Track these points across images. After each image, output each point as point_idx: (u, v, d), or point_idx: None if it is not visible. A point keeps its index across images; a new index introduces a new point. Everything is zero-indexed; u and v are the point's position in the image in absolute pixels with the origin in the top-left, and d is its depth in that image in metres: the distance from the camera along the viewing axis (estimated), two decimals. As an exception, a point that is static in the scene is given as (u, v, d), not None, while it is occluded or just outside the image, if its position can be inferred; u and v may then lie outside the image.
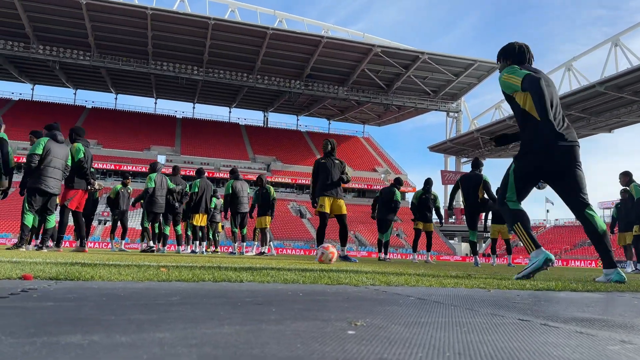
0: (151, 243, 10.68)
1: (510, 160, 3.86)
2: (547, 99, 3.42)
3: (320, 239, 7.70)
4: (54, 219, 7.33)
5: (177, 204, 10.75)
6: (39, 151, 6.99)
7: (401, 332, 0.98)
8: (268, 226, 11.62)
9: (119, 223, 12.37)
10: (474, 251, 9.88)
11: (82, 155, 7.55)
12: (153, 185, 10.19)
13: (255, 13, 50.48)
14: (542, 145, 3.54)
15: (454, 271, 4.72)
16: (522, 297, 1.97)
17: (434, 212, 11.45)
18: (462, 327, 1.07)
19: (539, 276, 4.02)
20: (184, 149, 55.94)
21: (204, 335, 0.85)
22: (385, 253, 11.55)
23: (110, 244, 13.65)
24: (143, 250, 10.49)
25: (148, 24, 43.59)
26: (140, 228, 12.69)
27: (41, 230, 7.92)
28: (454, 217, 59.59)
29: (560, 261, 42.16)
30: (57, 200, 7.80)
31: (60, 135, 7.34)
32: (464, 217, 10.14)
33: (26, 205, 6.94)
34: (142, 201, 10.82)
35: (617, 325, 1.22)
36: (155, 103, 65.00)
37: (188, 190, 11.24)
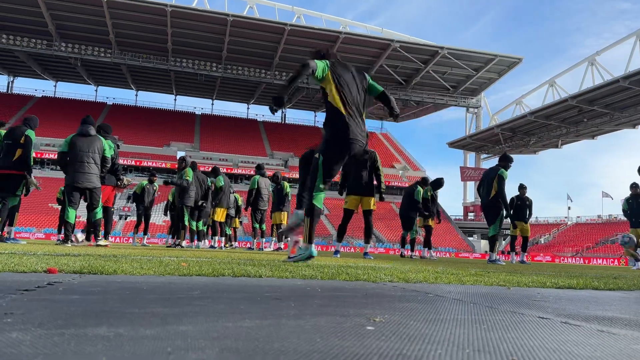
0: (184, 243, 10.22)
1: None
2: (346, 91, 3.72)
3: (340, 234, 7.76)
4: (74, 214, 7.44)
5: (202, 201, 10.76)
6: (64, 149, 7.12)
7: (420, 328, 0.98)
8: (285, 222, 11.66)
9: (142, 218, 12.57)
10: (491, 248, 9.76)
11: (113, 152, 7.70)
12: (191, 180, 10.24)
13: (273, 9, 50.65)
14: (343, 140, 3.80)
15: (473, 269, 4.69)
16: (543, 295, 1.95)
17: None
18: (482, 325, 1.07)
19: (561, 274, 3.98)
20: (203, 145, 56.45)
21: (225, 329, 0.87)
22: (412, 250, 11.54)
23: (131, 239, 13.87)
24: (170, 246, 10.52)
25: (168, 21, 44.04)
26: (170, 222, 12.82)
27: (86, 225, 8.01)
28: (472, 213, 58.90)
29: (582, 259, 41.44)
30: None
31: (86, 129, 7.34)
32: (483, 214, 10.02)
33: (66, 201, 7.12)
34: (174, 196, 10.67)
35: (640, 325, 1.20)
36: (175, 99, 65.73)
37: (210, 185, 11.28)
